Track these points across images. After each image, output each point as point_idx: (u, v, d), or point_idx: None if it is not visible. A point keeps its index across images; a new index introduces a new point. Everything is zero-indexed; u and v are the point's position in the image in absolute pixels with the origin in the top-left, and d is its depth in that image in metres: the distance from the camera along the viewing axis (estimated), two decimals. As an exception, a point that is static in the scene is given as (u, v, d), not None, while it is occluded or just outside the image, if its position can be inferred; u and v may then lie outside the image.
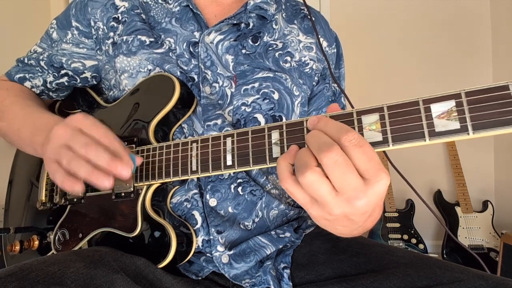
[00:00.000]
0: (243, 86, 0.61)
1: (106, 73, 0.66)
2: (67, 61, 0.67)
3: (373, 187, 0.33)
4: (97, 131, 0.46)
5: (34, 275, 0.39)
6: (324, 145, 0.33)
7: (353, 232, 0.41)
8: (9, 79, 0.70)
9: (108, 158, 0.44)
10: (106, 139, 0.46)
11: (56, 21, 0.69)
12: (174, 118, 0.58)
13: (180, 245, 0.53)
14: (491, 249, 1.71)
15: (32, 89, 0.70)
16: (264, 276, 0.55)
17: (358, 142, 0.33)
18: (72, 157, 0.44)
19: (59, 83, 0.69)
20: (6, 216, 0.78)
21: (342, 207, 0.34)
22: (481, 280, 0.43)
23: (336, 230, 0.40)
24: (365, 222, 0.38)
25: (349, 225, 0.38)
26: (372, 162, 0.33)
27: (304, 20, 0.71)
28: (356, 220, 0.36)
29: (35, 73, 0.69)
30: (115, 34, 0.63)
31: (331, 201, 0.34)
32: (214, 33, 0.62)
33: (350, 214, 0.35)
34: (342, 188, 0.33)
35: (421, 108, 0.34)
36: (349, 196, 0.33)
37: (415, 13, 2.11)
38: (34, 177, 0.73)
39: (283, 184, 0.36)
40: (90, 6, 0.65)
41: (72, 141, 0.45)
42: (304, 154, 0.35)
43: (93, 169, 0.44)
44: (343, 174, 0.32)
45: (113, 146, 0.46)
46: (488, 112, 0.31)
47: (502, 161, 1.97)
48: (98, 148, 0.44)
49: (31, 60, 0.69)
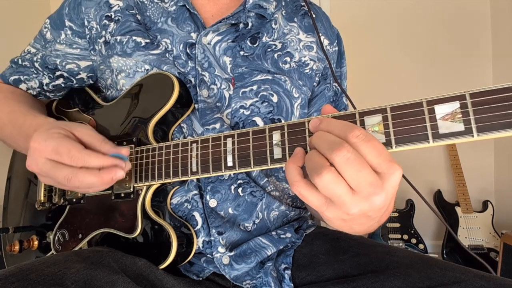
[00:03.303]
0: (241, 88, 0.60)
1: (102, 73, 0.65)
2: (61, 62, 0.66)
3: (388, 181, 0.33)
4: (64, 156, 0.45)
5: (35, 275, 0.39)
6: (333, 144, 0.33)
7: (369, 229, 0.40)
8: (3, 81, 0.69)
9: (96, 183, 0.46)
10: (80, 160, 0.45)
11: (50, 20, 0.67)
12: (173, 118, 0.57)
13: (181, 246, 0.52)
14: (491, 249, 1.71)
15: (28, 91, 0.68)
16: (265, 278, 0.55)
17: (365, 137, 0.32)
18: (62, 186, 0.47)
19: (55, 84, 0.68)
20: (4, 215, 0.77)
21: (360, 205, 0.33)
22: (482, 281, 0.43)
23: (352, 229, 0.39)
24: (381, 217, 0.38)
25: (366, 222, 0.37)
26: (383, 156, 0.32)
27: (305, 17, 0.69)
28: (373, 216, 0.36)
29: (30, 75, 0.68)
30: (106, 33, 0.62)
31: (349, 200, 0.33)
32: (211, 33, 0.60)
33: (368, 211, 0.34)
34: (358, 185, 0.32)
35: (425, 110, 0.33)
36: (366, 193, 0.33)
37: (415, 13, 2.11)
38: (32, 175, 0.73)
39: (295, 188, 0.35)
40: (84, 5, 0.63)
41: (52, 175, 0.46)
42: (314, 155, 0.34)
43: (87, 188, 0.48)
44: (357, 171, 0.32)
45: (88, 163, 0.46)
46: (493, 114, 0.30)
47: (502, 161, 1.97)
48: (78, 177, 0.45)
49: (25, 61, 0.68)
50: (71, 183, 0.46)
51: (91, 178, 0.46)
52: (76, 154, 0.45)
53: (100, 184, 0.47)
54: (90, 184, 0.46)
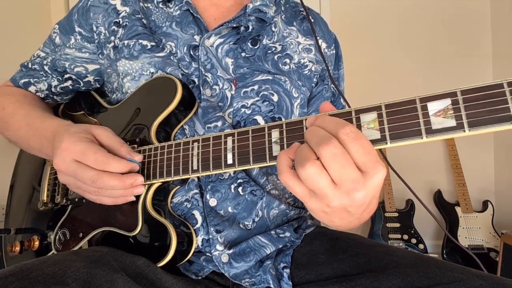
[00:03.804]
0: (242, 88, 0.61)
1: (109, 77, 0.66)
2: (70, 65, 0.68)
3: (371, 179, 0.34)
4: (90, 158, 0.48)
5: (35, 275, 0.39)
6: (322, 139, 0.34)
7: (349, 224, 0.42)
8: (14, 84, 0.71)
9: (119, 187, 0.48)
10: (105, 163, 0.48)
11: (59, 26, 0.69)
12: (175, 120, 0.58)
13: (181, 244, 0.53)
14: (491, 249, 1.71)
15: (36, 93, 0.70)
16: (264, 276, 0.55)
17: (355, 136, 0.33)
18: (83, 188, 0.50)
19: (63, 87, 0.70)
20: (7, 218, 0.78)
21: (341, 199, 0.35)
22: (481, 280, 0.43)
23: (333, 222, 0.41)
24: (362, 214, 0.39)
25: (346, 217, 0.38)
26: (369, 155, 0.34)
27: (304, 21, 0.71)
28: (353, 212, 0.37)
29: (39, 78, 0.70)
30: (115, 38, 0.64)
31: (330, 193, 0.34)
32: (214, 36, 0.62)
33: (348, 206, 0.35)
34: (340, 180, 0.34)
35: (418, 107, 0.34)
36: (348, 188, 0.34)
37: (415, 13, 2.11)
38: (35, 180, 0.73)
39: (281, 177, 0.37)
40: (92, 11, 0.65)
41: (77, 177, 0.49)
42: (303, 148, 0.36)
43: (114, 199, 0.51)
44: (341, 166, 0.33)
45: (112, 167, 0.48)
46: (483, 110, 0.32)
47: (502, 161, 1.98)
48: (103, 180, 0.47)
49: (34, 64, 0.70)
50: (96, 184, 0.48)
51: (115, 181, 0.48)
52: (102, 158, 0.48)
53: (122, 187, 0.49)
54: (113, 186, 0.48)
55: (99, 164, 0.47)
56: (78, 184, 0.50)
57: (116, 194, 0.50)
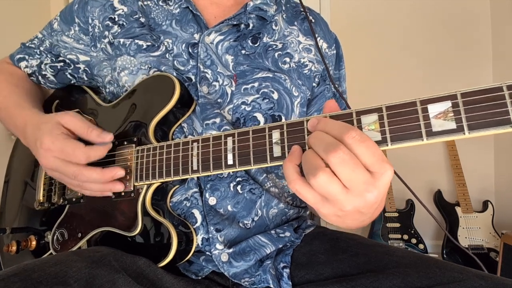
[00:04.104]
0: (243, 85, 0.61)
1: (99, 70, 0.67)
2: (65, 52, 0.70)
3: (380, 179, 0.34)
4: (69, 154, 0.52)
5: (37, 275, 0.39)
6: (330, 145, 0.34)
7: (362, 223, 0.42)
8: (10, 59, 0.75)
9: (98, 176, 0.52)
10: (83, 157, 0.52)
11: (60, 14, 0.71)
12: (174, 118, 0.58)
13: (181, 244, 0.53)
14: (491, 249, 1.71)
15: (25, 68, 0.73)
16: (264, 275, 0.55)
17: (360, 138, 0.34)
18: (69, 181, 0.55)
19: (53, 66, 0.72)
20: (1, 217, 0.77)
21: (354, 202, 0.35)
22: (481, 280, 0.43)
23: (346, 224, 0.41)
24: (373, 213, 0.40)
25: (359, 218, 0.39)
26: (376, 156, 0.34)
27: (304, 21, 0.71)
28: (365, 212, 0.37)
29: (34, 55, 0.72)
30: (109, 34, 0.64)
31: (343, 198, 0.35)
32: (214, 33, 0.62)
33: (361, 208, 0.36)
34: (352, 184, 0.34)
35: (419, 109, 0.35)
36: (360, 191, 0.34)
37: (415, 14, 2.11)
38: (29, 177, 0.73)
39: (292, 186, 0.37)
40: (90, 4, 0.66)
41: (62, 171, 0.53)
42: (311, 156, 0.36)
43: (93, 192, 0.55)
44: (351, 171, 0.33)
45: (91, 158, 0.52)
46: (483, 113, 0.32)
47: (502, 161, 1.98)
48: (84, 174, 0.52)
49: (33, 44, 0.73)
50: (78, 178, 0.52)
51: (94, 175, 0.52)
52: (80, 151, 0.52)
53: (101, 180, 0.53)
54: (93, 179, 0.52)
55: (78, 158, 0.51)
56: (63, 178, 0.55)
57: (94, 188, 0.54)
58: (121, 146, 0.58)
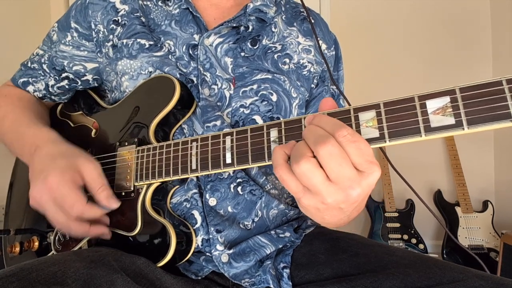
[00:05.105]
0: (241, 88, 0.61)
1: (107, 75, 0.66)
2: (68, 63, 0.67)
3: (366, 179, 0.35)
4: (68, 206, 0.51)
5: (35, 275, 0.39)
6: (320, 137, 0.35)
7: (339, 222, 0.43)
8: (14, 83, 0.71)
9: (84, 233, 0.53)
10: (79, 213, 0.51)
11: (58, 23, 0.69)
12: (174, 119, 0.58)
13: (180, 244, 0.53)
14: (491, 249, 1.71)
15: (34, 93, 0.70)
16: (264, 276, 0.55)
17: (351, 138, 0.34)
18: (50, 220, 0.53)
19: (59, 86, 0.70)
20: (6, 218, 0.78)
21: (335, 195, 0.35)
22: (481, 280, 0.43)
23: (323, 219, 0.41)
24: (352, 212, 0.40)
25: (338, 214, 0.39)
26: (365, 156, 0.34)
27: (304, 22, 0.71)
28: (345, 209, 0.37)
29: (37, 77, 0.70)
30: (114, 36, 0.63)
31: (325, 190, 0.35)
32: (213, 35, 0.62)
33: (341, 203, 0.36)
34: (337, 178, 0.34)
35: (417, 105, 0.35)
36: (344, 186, 0.35)
37: (415, 13, 2.11)
38: None
39: (276, 170, 0.37)
40: (91, 8, 0.64)
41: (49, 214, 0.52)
42: (299, 145, 0.36)
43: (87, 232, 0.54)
44: (338, 165, 0.34)
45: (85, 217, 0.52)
46: (482, 108, 0.32)
47: (502, 161, 1.97)
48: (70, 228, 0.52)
49: (34, 63, 0.70)
50: (62, 229, 0.54)
51: (81, 232, 0.52)
52: (79, 208, 0.51)
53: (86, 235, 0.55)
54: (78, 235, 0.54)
55: (74, 211, 0.51)
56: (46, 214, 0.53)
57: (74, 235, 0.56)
58: (122, 147, 0.58)
